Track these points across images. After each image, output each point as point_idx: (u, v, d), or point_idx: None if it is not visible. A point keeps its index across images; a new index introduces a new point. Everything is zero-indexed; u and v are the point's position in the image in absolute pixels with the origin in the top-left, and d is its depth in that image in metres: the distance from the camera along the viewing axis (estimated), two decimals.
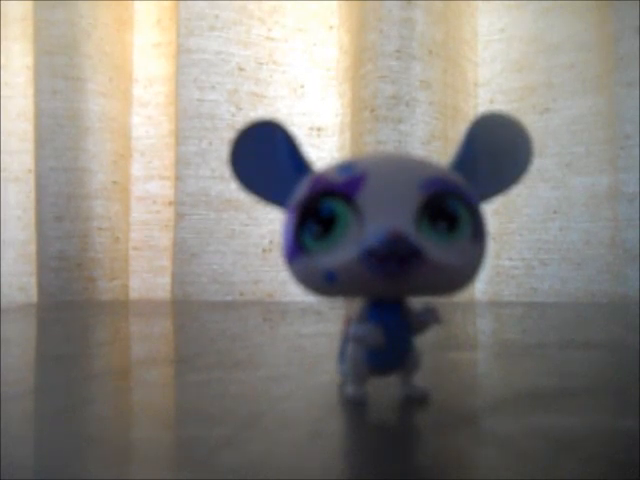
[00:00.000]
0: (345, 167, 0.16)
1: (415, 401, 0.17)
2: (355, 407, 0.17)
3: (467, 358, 0.25)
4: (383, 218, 0.15)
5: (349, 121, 0.53)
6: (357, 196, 0.15)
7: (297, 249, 0.15)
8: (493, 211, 0.52)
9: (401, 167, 0.16)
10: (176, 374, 0.23)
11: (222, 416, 0.16)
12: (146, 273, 0.58)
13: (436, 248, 0.15)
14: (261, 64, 0.54)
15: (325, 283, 0.15)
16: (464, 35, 0.52)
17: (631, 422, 0.15)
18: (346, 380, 0.17)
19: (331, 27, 0.56)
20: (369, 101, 0.49)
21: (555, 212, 0.51)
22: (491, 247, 0.52)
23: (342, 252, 0.15)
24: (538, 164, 0.50)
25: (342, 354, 0.18)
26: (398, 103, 0.48)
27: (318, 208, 0.15)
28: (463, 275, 0.16)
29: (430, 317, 0.17)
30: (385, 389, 0.18)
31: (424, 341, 0.17)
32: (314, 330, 0.34)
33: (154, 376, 0.22)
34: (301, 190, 0.16)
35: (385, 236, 0.14)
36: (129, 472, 0.13)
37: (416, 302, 0.17)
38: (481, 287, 0.52)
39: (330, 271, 0.15)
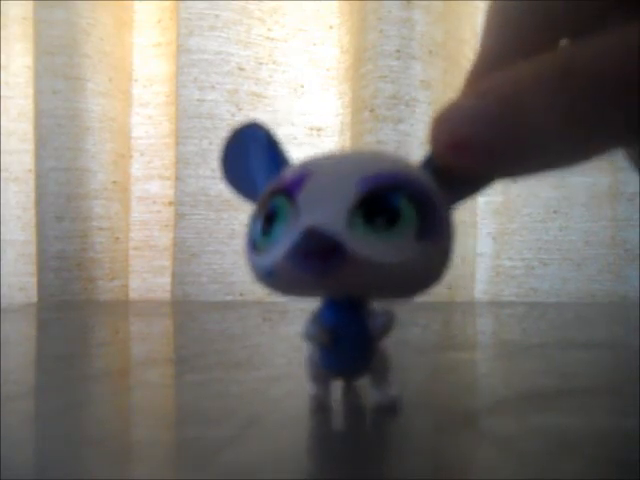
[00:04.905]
0: (298, 166, 0.16)
1: (383, 409, 0.16)
2: (354, 405, 0.17)
3: (467, 358, 0.25)
4: (314, 216, 0.14)
5: (349, 121, 0.53)
6: (297, 194, 0.15)
7: (249, 246, 0.16)
8: (493, 211, 0.52)
9: (345, 164, 0.15)
10: (176, 374, 0.23)
11: (222, 416, 0.16)
12: (146, 273, 0.58)
13: (367, 244, 0.14)
14: (261, 64, 0.54)
15: (267, 280, 0.15)
16: (464, 35, 0.52)
17: (631, 422, 0.15)
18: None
19: (331, 27, 0.56)
20: (369, 101, 0.49)
21: (555, 212, 0.51)
22: (491, 247, 0.52)
23: (277, 249, 0.15)
24: None
25: None
26: (398, 103, 0.48)
27: (267, 206, 0.15)
28: (403, 274, 0.14)
29: (382, 320, 0.16)
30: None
31: (424, 341, 0.17)
32: None
33: (154, 376, 0.22)
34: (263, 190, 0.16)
35: (303, 233, 0.14)
36: (129, 472, 0.13)
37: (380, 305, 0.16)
38: (481, 287, 0.52)
39: (268, 269, 0.15)
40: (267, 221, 0.15)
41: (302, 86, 0.55)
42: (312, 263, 0.14)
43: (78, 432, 0.15)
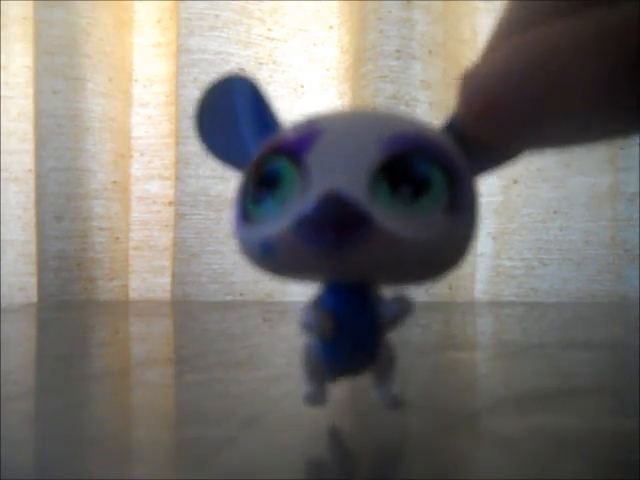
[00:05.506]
0: (301, 124, 0.13)
1: (386, 408, 0.15)
2: (354, 405, 0.17)
3: (467, 358, 0.25)
4: (330, 180, 0.12)
5: None
6: (305, 155, 0.12)
7: (240, 216, 0.13)
8: (493, 211, 0.52)
9: (364, 122, 0.13)
10: (176, 374, 0.23)
11: (222, 416, 0.16)
12: (146, 273, 0.58)
13: (393, 217, 0.12)
14: (261, 64, 0.54)
15: (264, 257, 0.13)
16: (464, 35, 0.52)
17: (631, 422, 0.15)
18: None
19: (331, 27, 0.56)
20: (369, 101, 0.49)
21: (555, 212, 0.51)
22: (491, 247, 0.52)
23: (281, 219, 0.12)
24: (538, 164, 0.50)
25: None
26: (398, 103, 0.48)
27: (263, 170, 0.13)
28: (431, 253, 0.12)
29: (398, 308, 0.14)
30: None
31: (424, 341, 0.17)
32: None
33: (154, 376, 0.22)
34: (254, 152, 0.14)
35: (320, 198, 0.12)
36: (129, 472, 0.13)
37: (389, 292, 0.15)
38: (481, 287, 0.52)
39: (267, 242, 0.12)
40: (262, 187, 0.13)
41: (302, 86, 0.55)
42: (328, 235, 0.11)
43: (78, 432, 0.15)
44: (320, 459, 0.14)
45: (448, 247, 0.13)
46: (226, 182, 0.51)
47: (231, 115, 0.15)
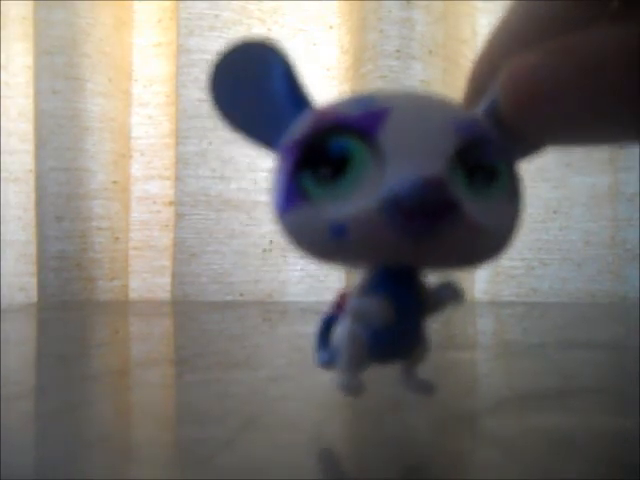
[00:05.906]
0: (361, 100, 0.12)
1: (420, 395, 0.15)
2: (353, 405, 0.17)
3: (467, 358, 0.25)
4: (410, 162, 0.11)
5: None
6: (377, 133, 0.12)
7: (295, 196, 0.12)
8: None
9: (431, 103, 0.13)
10: (176, 375, 0.23)
11: (221, 417, 0.16)
12: (146, 273, 0.58)
13: (473, 204, 0.12)
14: None
15: (331, 240, 0.12)
16: (464, 35, 0.52)
17: (631, 422, 0.15)
18: (336, 367, 0.14)
19: (331, 27, 0.56)
20: None
21: (555, 212, 0.51)
22: None
23: (357, 201, 0.11)
24: (538, 163, 0.50)
25: (322, 338, 0.16)
26: None
27: (326, 147, 0.12)
28: (498, 240, 0.13)
29: (449, 293, 0.14)
30: (382, 386, 0.18)
31: None
32: (314, 330, 0.34)
33: (154, 376, 0.22)
34: (301, 126, 0.12)
35: (416, 182, 0.11)
36: (129, 472, 0.13)
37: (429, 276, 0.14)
38: (481, 287, 0.52)
39: (339, 224, 0.12)
40: (326, 165, 0.12)
41: None
42: (421, 221, 0.11)
43: (78, 432, 0.15)
44: (319, 459, 0.14)
45: (509, 233, 0.13)
46: (226, 182, 0.51)
47: (259, 84, 0.13)
